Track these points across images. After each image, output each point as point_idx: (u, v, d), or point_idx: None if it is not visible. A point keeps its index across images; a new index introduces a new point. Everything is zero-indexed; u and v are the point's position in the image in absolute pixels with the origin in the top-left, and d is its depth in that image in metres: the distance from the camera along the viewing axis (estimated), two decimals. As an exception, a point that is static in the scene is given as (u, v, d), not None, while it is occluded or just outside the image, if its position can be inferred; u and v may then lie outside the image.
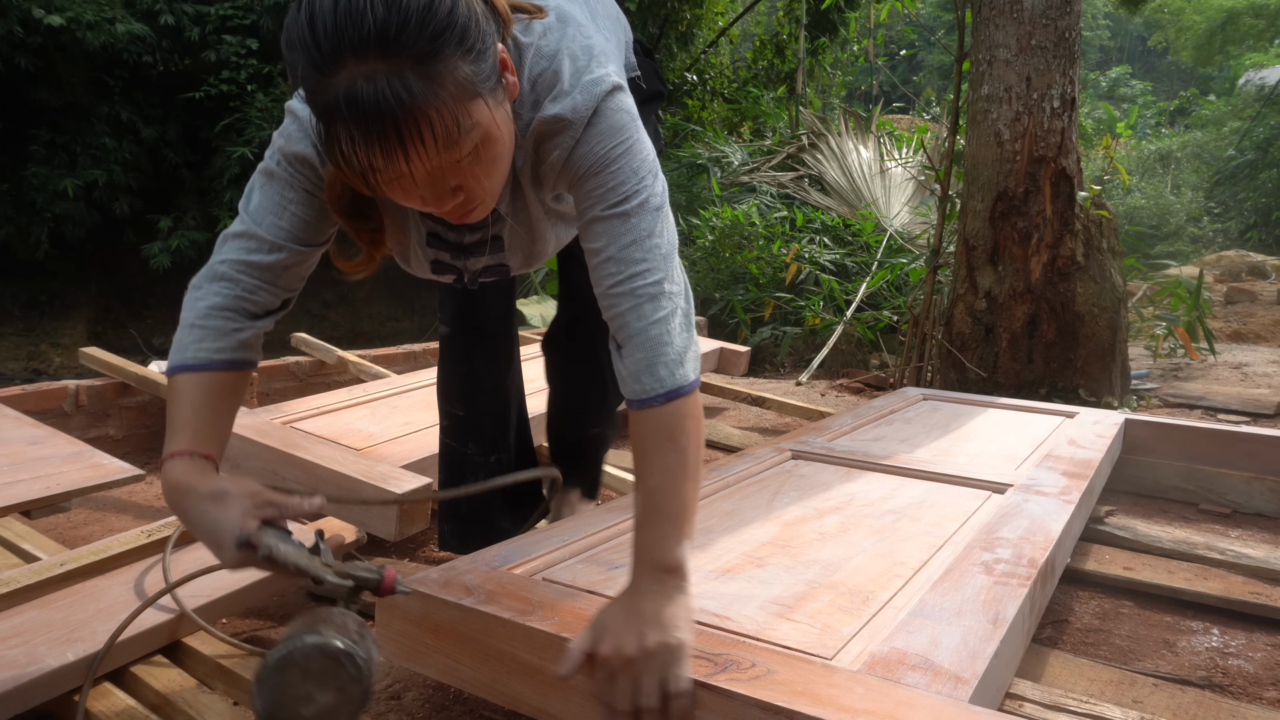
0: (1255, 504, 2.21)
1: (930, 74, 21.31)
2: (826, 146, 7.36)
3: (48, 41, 7.49)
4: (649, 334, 1.00)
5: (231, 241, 1.06)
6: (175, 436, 0.98)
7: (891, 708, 0.85)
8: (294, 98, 1.05)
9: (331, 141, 0.84)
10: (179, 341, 1.03)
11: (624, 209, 1.01)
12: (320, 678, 0.85)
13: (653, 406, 0.99)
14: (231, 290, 1.05)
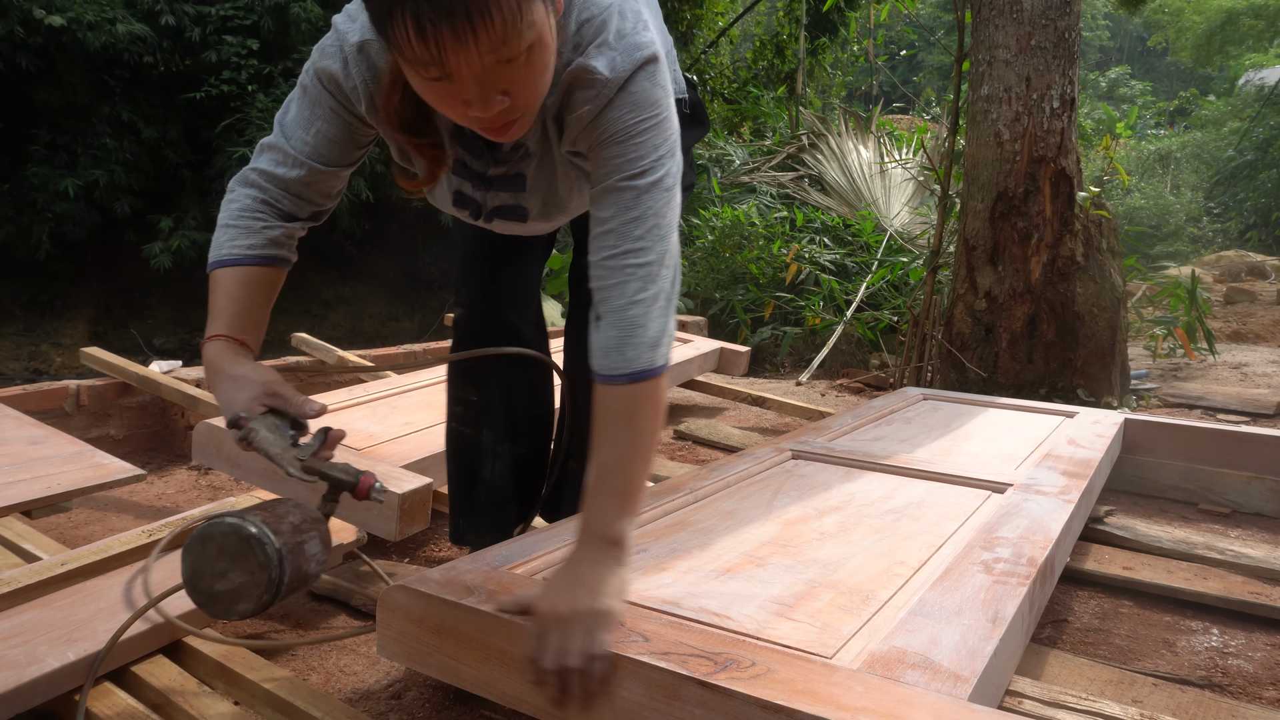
0: (1255, 504, 2.21)
1: (930, 74, 21.31)
2: (826, 146, 7.36)
3: (48, 42, 7.49)
4: (628, 313, 1.01)
5: (265, 152, 1.12)
6: (213, 322, 1.07)
7: (891, 706, 0.85)
8: (340, 14, 1.07)
9: (396, 27, 0.85)
10: (215, 241, 1.11)
11: (638, 184, 1.02)
12: (234, 558, 0.93)
13: (617, 384, 1.01)
14: (259, 195, 1.11)
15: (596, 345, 1.03)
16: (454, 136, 1.13)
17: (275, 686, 1.24)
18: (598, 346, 1.02)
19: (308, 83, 1.09)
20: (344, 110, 1.09)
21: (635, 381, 1.01)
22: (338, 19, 1.07)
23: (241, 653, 1.33)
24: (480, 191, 1.22)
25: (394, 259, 9.47)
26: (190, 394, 2.64)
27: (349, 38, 1.04)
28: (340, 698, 1.34)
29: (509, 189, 1.21)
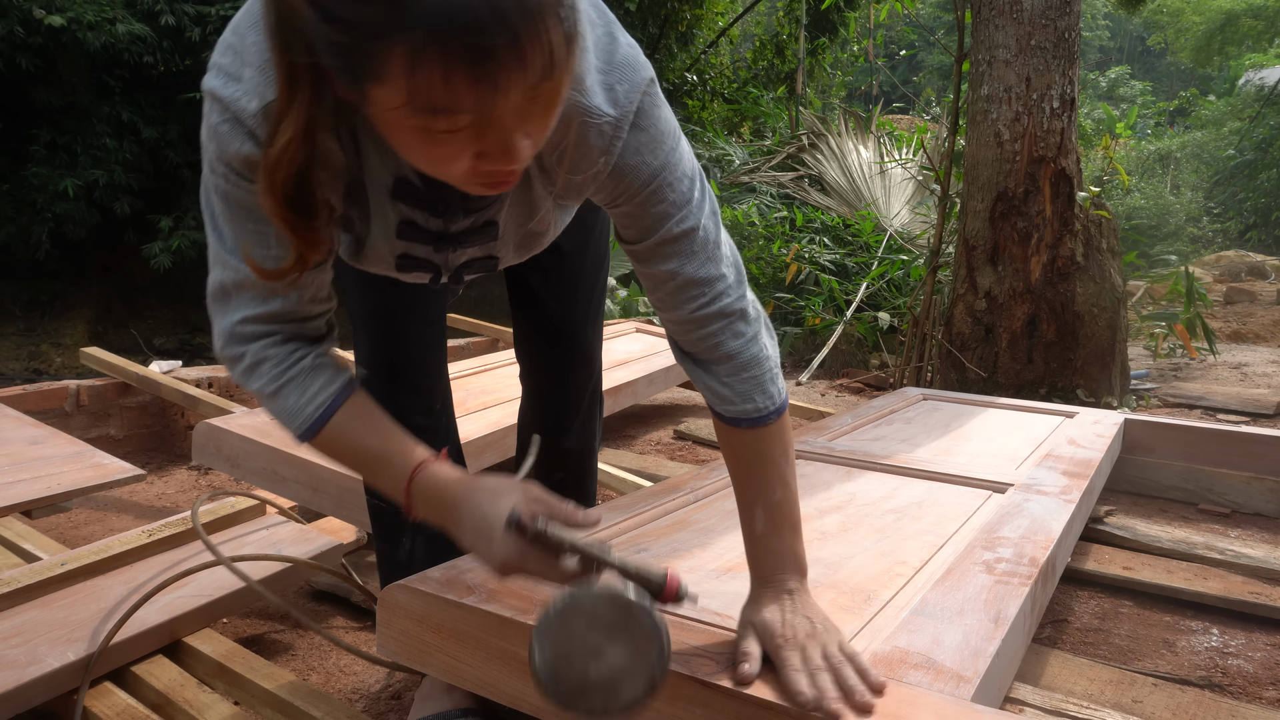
0: (1255, 504, 2.21)
1: (930, 74, 21.31)
2: (826, 146, 7.37)
3: (48, 42, 7.49)
4: (749, 353, 0.97)
5: (232, 298, 0.90)
6: (394, 461, 0.90)
7: (894, 706, 0.85)
8: (213, 78, 0.83)
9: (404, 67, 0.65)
10: (286, 410, 0.91)
11: (689, 224, 0.93)
12: (610, 630, 0.75)
13: (767, 425, 0.98)
14: (271, 342, 0.91)
15: (731, 393, 0.97)
16: (394, 196, 0.92)
17: (275, 686, 1.24)
18: (733, 393, 0.97)
19: (224, 188, 0.85)
20: None
21: (781, 414, 0.99)
22: (213, 85, 0.82)
23: (242, 653, 1.33)
24: (441, 253, 1.01)
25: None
26: (190, 394, 2.64)
27: (245, 105, 0.81)
28: (340, 698, 1.34)
29: (478, 241, 1.02)
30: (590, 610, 0.75)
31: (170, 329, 8.82)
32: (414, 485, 0.89)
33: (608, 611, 0.75)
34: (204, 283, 0.92)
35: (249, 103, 0.80)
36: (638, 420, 3.28)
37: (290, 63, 0.72)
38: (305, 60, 0.71)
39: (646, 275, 0.96)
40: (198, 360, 7.67)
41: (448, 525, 0.89)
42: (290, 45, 0.71)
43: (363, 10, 0.65)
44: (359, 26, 0.65)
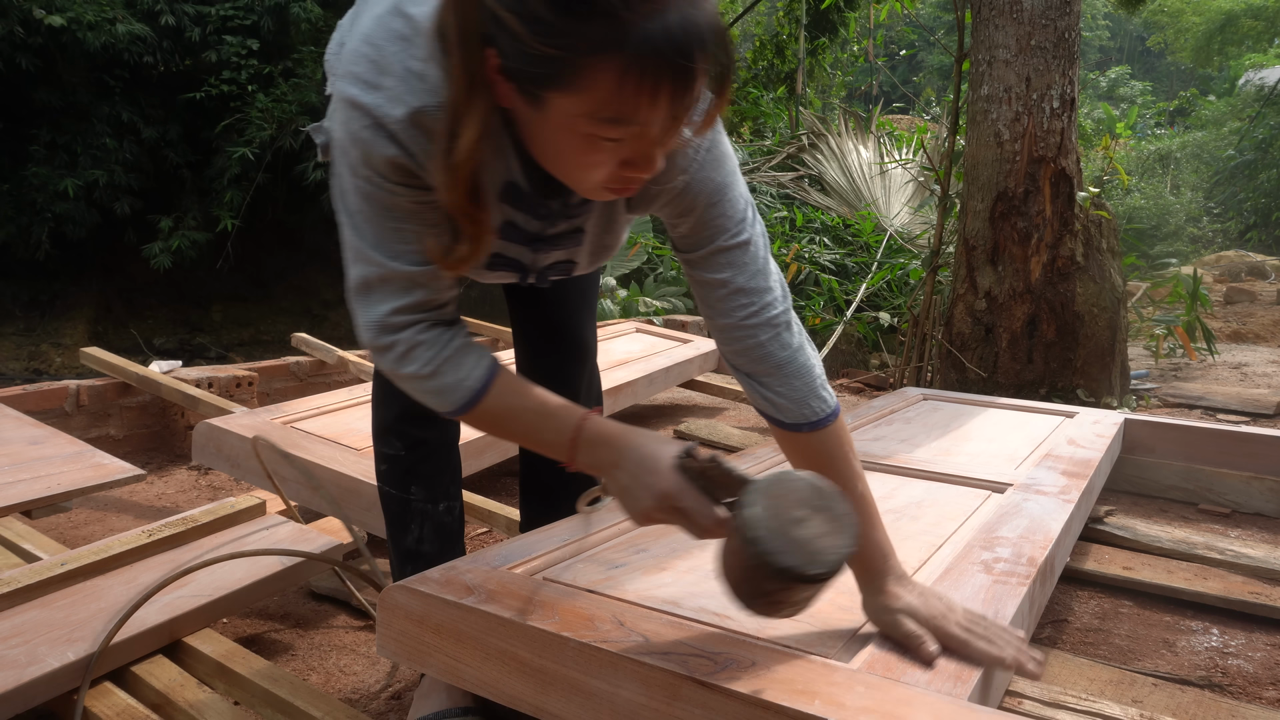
0: (1255, 504, 2.21)
1: (930, 74, 21.31)
2: (826, 147, 7.37)
3: (48, 42, 7.49)
4: (798, 361, 1.04)
5: (379, 292, 0.95)
6: (560, 415, 0.96)
7: (892, 706, 0.85)
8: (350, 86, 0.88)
9: (602, 77, 0.75)
10: (446, 388, 0.96)
11: (743, 237, 1.02)
12: (812, 507, 0.82)
13: (829, 425, 1.05)
14: (421, 328, 0.97)
15: (785, 401, 1.04)
16: (501, 198, 0.99)
17: (275, 686, 1.24)
18: (787, 401, 1.04)
19: (367, 189, 0.91)
20: (421, 192, 0.91)
21: (838, 415, 1.06)
22: (351, 92, 0.88)
23: (242, 653, 1.33)
24: (533, 252, 1.10)
25: None
26: (190, 394, 2.64)
27: (389, 111, 0.86)
28: (340, 698, 1.34)
29: (566, 245, 1.11)
30: (797, 488, 0.83)
31: (170, 329, 8.83)
32: (582, 432, 0.95)
33: (811, 494, 0.83)
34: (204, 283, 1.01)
35: (393, 109, 0.86)
36: (638, 420, 3.28)
37: (472, 68, 0.80)
38: (489, 66, 0.80)
39: (700, 282, 1.05)
40: (198, 360, 7.68)
41: (609, 466, 0.94)
42: (474, 52, 0.79)
43: (580, 27, 0.74)
44: (573, 41, 0.75)
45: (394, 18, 0.88)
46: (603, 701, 0.94)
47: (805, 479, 0.86)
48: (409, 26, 0.87)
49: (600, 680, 0.95)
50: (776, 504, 0.82)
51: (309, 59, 8.29)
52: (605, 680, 0.94)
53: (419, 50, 0.86)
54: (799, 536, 0.81)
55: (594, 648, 0.95)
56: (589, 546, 1.31)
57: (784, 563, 0.80)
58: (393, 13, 0.88)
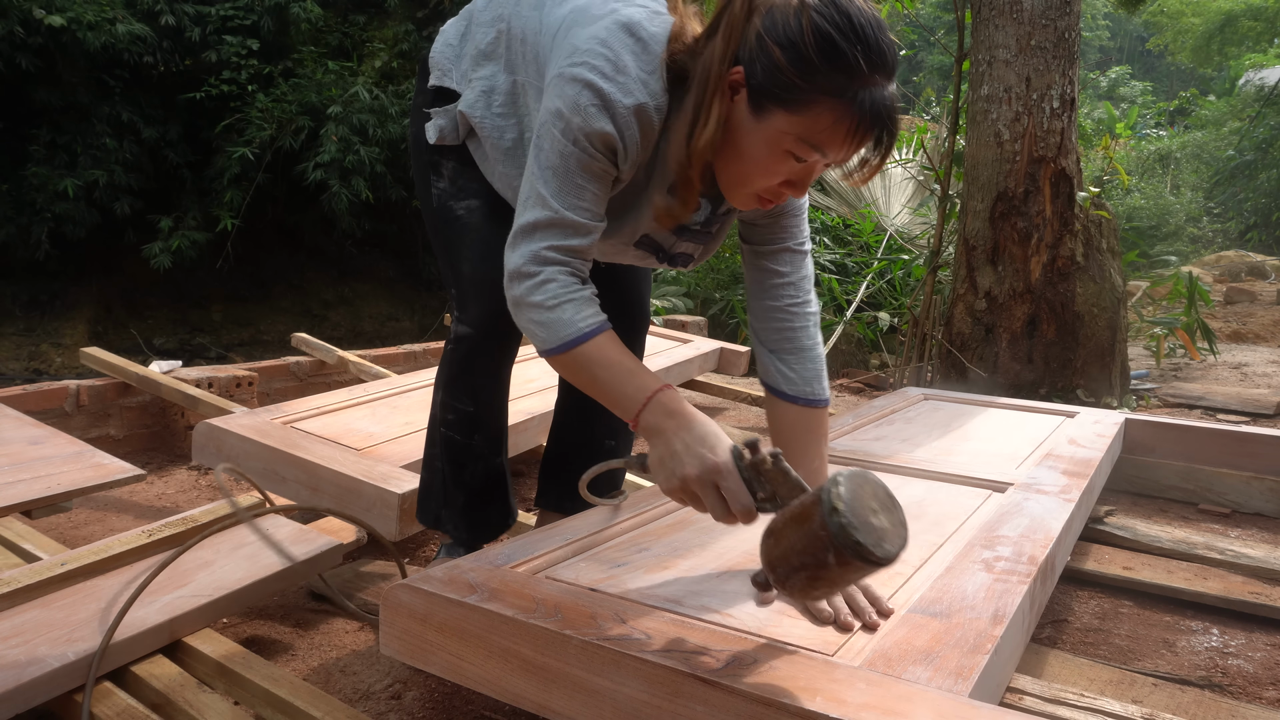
0: (1255, 504, 2.21)
1: (930, 74, 21.30)
2: (826, 147, 7.36)
3: (48, 42, 7.49)
4: (815, 352, 1.31)
5: (545, 232, 1.12)
6: (644, 377, 1.10)
7: (893, 703, 0.85)
8: (587, 71, 1.08)
9: (826, 118, 1.01)
10: (558, 321, 1.10)
11: (806, 247, 1.32)
12: (883, 503, 0.93)
13: (819, 408, 1.29)
14: (567, 269, 1.13)
15: (796, 376, 1.29)
16: (669, 190, 1.20)
17: (275, 686, 1.24)
18: (797, 377, 1.29)
19: (574, 152, 1.10)
20: (612, 168, 1.13)
21: (826, 405, 1.30)
22: (588, 76, 1.09)
23: (242, 653, 1.33)
24: (674, 239, 1.33)
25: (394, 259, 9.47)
26: (190, 394, 2.64)
27: (620, 98, 1.08)
28: (340, 698, 1.34)
29: (698, 241, 1.34)
30: (875, 486, 0.94)
31: (170, 329, 8.82)
32: (659, 396, 1.08)
33: (885, 495, 0.94)
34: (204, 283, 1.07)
35: (624, 98, 1.09)
36: (638, 420, 3.28)
37: (723, 81, 1.05)
38: (733, 80, 1.05)
39: (763, 270, 1.31)
40: (198, 360, 7.67)
41: (672, 432, 1.05)
42: (727, 71, 1.05)
43: (829, 73, 1.00)
44: (819, 81, 1.00)
45: (625, 34, 1.11)
46: (605, 699, 0.95)
47: (881, 482, 0.95)
48: (639, 44, 1.11)
49: (603, 678, 0.95)
50: (860, 491, 0.92)
51: (309, 59, 8.29)
52: (608, 678, 0.94)
53: (649, 64, 1.10)
54: (873, 523, 0.90)
55: (597, 645, 0.95)
56: (591, 546, 1.31)
57: (858, 538, 0.88)
58: (624, 29, 1.11)
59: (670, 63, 1.11)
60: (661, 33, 1.12)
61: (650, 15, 1.14)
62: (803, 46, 0.99)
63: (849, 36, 0.99)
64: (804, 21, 1.00)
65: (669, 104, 1.13)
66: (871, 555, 0.88)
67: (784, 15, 1.01)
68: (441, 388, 1.56)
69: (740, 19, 1.04)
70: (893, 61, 1.02)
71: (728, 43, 1.04)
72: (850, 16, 1.00)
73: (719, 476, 1.00)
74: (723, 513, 1.01)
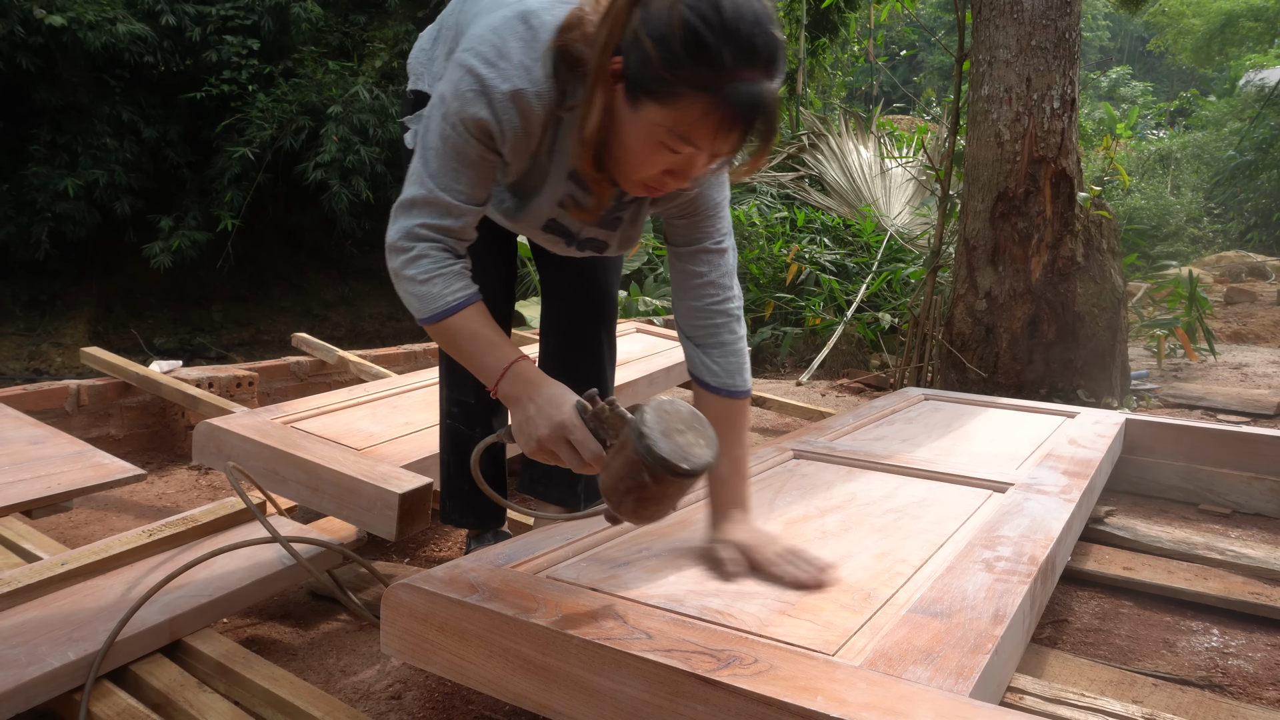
0: (1255, 504, 2.21)
1: (930, 74, 21.30)
2: (827, 147, 7.37)
3: (49, 41, 7.49)
4: (737, 347, 1.35)
5: (421, 209, 1.17)
6: (506, 347, 1.18)
7: (893, 702, 0.85)
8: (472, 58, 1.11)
9: (696, 110, 1.01)
10: (429, 294, 1.17)
11: (724, 245, 1.34)
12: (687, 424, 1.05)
13: (739, 398, 1.34)
14: (438, 244, 1.19)
15: (717, 369, 1.34)
16: (569, 177, 1.25)
17: (275, 686, 1.24)
18: (719, 369, 1.34)
19: (452, 135, 1.14)
20: (490, 153, 1.16)
21: (747, 396, 1.36)
22: (471, 62, 1.11)
23: (242, 653, 1.33)
24: (580, 224, 1.36)
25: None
26: (190, 394, 2.64)
27: (497, 84, 1.10)
28: (340, 698, 1.34)
29: (607, 226, 1.38)
30: (680, 410, 1.06)
31: (170, 329, 8.82)
32: (515, 366, 1.17)
33: (690, 417, 1.06)
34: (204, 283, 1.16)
35: (501, 84, 1.11)
36: (638, 420, 3.27)
37: (604, 67, 1.05)
38: (614, 70, 1.05)
39: (683, 272, 1.34)
40: (198, 360, 7.67)
41: (524, 398, 1.14)
42: (609, 56, 1.05)
43: (696, 68, 0.99)
44: (685, 74, 1.00)
45: (519, 22, 1.12)
46: (606, 699, 0.95)
47: (687, 406, 1.07)
48: (529, 32, 1.12)
49: (604, 677, 0.95)
50: (664, 416, 1.03)
51: (309, 59, 8.30)
52: (609, 677, 0.94)
53: (534, 51, 1.11)
54: (678, 441, 1.02)
55: (597, 645, 0.95)
56: (592, 545, 1.31)
57: (663, 453, 0.99)
58: (519, 18, 1.13)
59: (563, 50, 1.11)
60: (555, 21, 1.12)
61: (553, 3, 1.14)
62: (671, 40, 1.00)
63: (717, 31, 0.99)
64: (675, 15, 1.00)
65: (569, 91, 1.14)
66: (678, 468, 0.99)
67: (660, 8, 1.01)
68: (445, 383, 1.68)
69: (623, 9, 1.05)
70: (768, 55, 1.01)
71: (610, 32, 1.05)
72: (721, 10, 0.99)
73: (567, 431, 1.09)
74: (578, 463, 1.10)
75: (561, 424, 1.10)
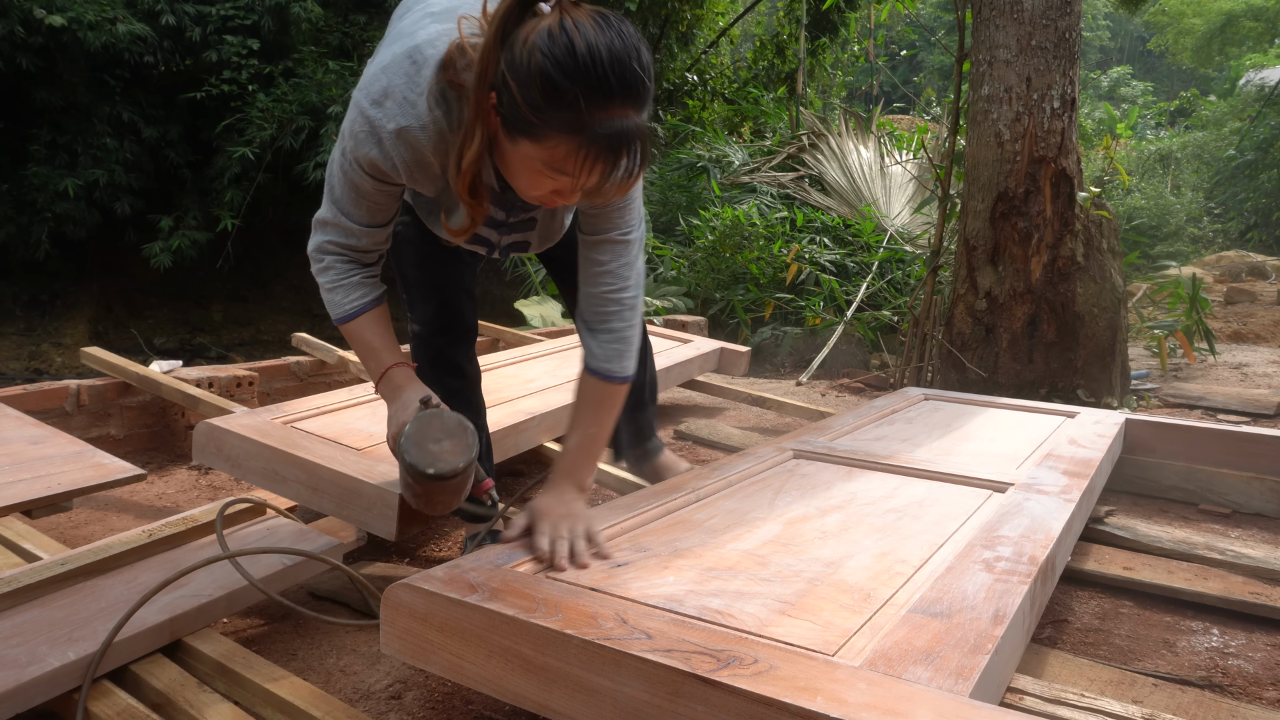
0: (1255, 504, 2.21)
1: (930, 74, 21.31)
2: (827, 147, 7.36)
3: (49, 41, 7.49)
4: (625, 334, 1.42)
5: (328, 230, 1.35)
6: (385, 354, 1.39)
7: (893, 703, 0.85)
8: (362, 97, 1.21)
9: (567, 149, 1.08)
10: (333, 301, 1.38)
11: (629, 237, 1.41)
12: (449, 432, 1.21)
13: (613, 382, 1.42)
14: (343, 258, 1.37)
15: (599, 351, 1.41)
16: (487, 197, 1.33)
17: (275, 686, 1.24)
18: (599, 353, 1.41)
19: (349, 170, 1.27)
20: (384, 184, 1.29)
21: (624, 383, 1.43)
22: (364, 104, 1.21)
23: (242, 652, 1.33)
24: (498, 233, 1.51)
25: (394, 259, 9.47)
26: (190, 394, 2.64)
27: (384, 124, 1.20)
28: (340, 698, 1.34)
29: (522, 230, 1.52)
30: (445, 421, 1.24)
31: (170, 329, 8.82)
32: (388, 372, 1.38)
33: (455, 426, 1.23)
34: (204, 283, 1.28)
35: (387, 124, 1.20)
36: (638, 420, 3.27)
37: (481, 104, 1.12)
38: (491, 105, 1.12)
39: (587, 259, 1.42)
40: (198, 360, 7.67)
41: (389, 400, 1.38)
42: (485, 93, 1.11)
43: (556, 112, 1.06)
44: (547, 118, 1.06)
45: (405, 59, 1.20)
46: (606, 699, 0.95)
47: (454, 417, 1.24)
48: (414, 67, 1.19)
49: (604, 678, 0.95)
50: (423, 427, 1.21)
51: (309, 59, 8.29)
52: (608, 678, 0.94)
53: (417, 86, 1.19)
54: (430, 449, 1.18)
55: (597, 645, 0.95)
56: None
57: (411, 459, 1.17)
58: (406, 55, 1.20)
59: (451, 83, 1.18)
60: (438, 54, 1.18)
61: (439, 35, 1.20)
62: (530, 86, 1.05)
63: (571, 75, 1.03)
64: (533, 61, 1.05)
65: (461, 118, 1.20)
66: (423, 473, 1.17)
67: (521, 52, 1.06)
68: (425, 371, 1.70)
69: (491, 49, 1.10)
70: (625, 91, 1.05)
71: (482, 71, 1.11)
72: (574, 52, 1.03)
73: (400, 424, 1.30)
74: None
75: (403, 423, 1.29)
